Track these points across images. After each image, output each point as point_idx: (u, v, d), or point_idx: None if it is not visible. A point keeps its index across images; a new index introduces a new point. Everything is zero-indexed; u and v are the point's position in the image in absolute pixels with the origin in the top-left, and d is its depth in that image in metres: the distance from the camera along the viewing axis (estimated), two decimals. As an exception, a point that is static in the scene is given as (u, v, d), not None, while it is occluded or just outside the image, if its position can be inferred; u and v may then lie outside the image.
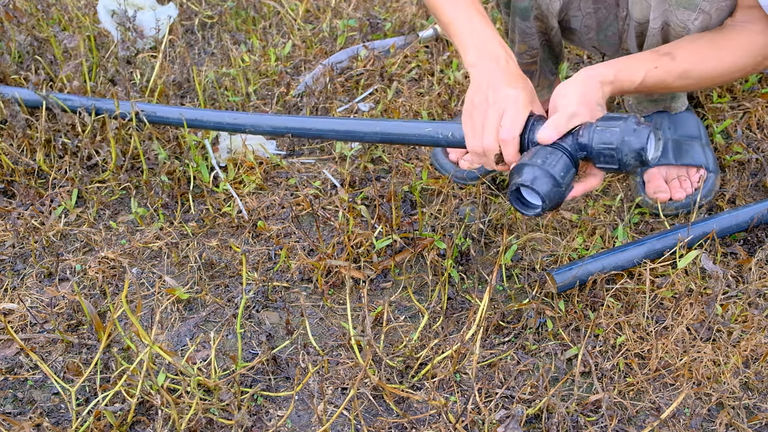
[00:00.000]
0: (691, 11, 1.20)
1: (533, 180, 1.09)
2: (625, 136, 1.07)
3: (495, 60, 1.21)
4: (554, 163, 1.09)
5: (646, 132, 1.07)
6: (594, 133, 1.10)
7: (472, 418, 1.17)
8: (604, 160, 1.10)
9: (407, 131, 1.37)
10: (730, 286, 1.34)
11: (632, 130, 1.08)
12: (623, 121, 1.09)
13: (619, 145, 1.07)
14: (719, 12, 1.19)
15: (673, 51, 1.21)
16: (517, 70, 1.21)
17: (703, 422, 1.17)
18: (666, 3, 1.22)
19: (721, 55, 1.21)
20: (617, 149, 1.08)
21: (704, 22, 1.21)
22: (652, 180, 1.51)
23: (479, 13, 1.26)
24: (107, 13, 2.05)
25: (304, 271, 1.43)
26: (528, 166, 1.10)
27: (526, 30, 1.44)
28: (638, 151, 1.07)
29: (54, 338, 1.31)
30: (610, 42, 1.43)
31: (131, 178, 1.64)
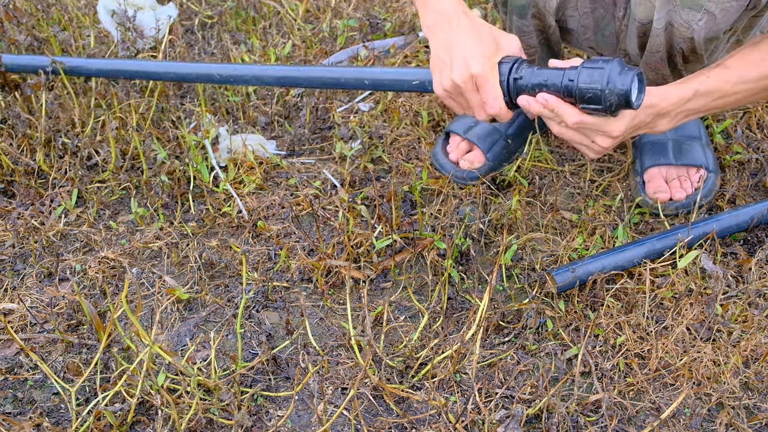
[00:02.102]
0: (695, 12, 1.19)
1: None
2: (611, 76, 1.09)
3: (447, 20, 1.20)
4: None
5: (631, 74, 1.09)
6: (580, 74, 1.11)
7: (472, 418, 1.17)
8: (588, 99, 1.11)
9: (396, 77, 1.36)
10: (730, 286, 1.34)
11: (617, 72, 1.09)
12: (608, 63, 1.10)
13: (603, 86, 1.09)
14: (724, 13, 1.19)
15: (724, 62, 1.21)
16: (469, 27, 1.19)
17: (703, 422, 1.17)
18: (671, 3, 1.22)
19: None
20: (602, 90, 1.09)
21: (709, 23, 1.20)
22: (652, 180, 1.51)
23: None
24: (107, 13, 2.04)
25: (304, 271, 1.43)
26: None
27: (524, 28, 1.44)
28: (623, 93, 1.09)
29: (54, 338, 1.31)
30: (607, 42, 1.43)
31: (131, 178, 1.64)
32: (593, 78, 1.09)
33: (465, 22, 1.19)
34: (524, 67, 1.18)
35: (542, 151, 1.63)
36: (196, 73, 1.60)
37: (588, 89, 1.10)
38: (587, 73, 1.10)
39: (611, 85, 1.09)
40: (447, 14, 1.20)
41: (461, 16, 1.20)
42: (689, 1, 1.19)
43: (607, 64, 1.10)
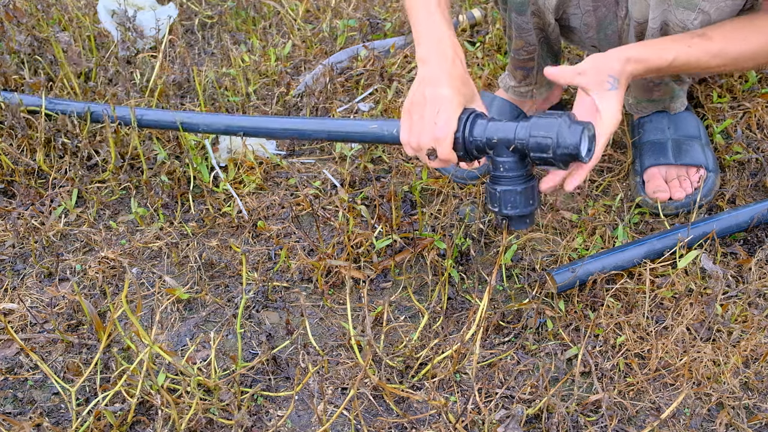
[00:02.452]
0: (690, 11, 1.20)
1: (523, 224, 1.19)
2: (560, 131, 1.09)
3: (443, 58, 1.21)
4: (527, 202, 1.17)
5: (579, 129, 1.09)
6: (530, 128, 1.12)
7: (472, 418, 1.17)
8: (537, 154, 1.12)
9: (353, 129, 1.38)
10: (730, 286, 1.34)
11: (567, 126, 1.10)
12: (557, 118, 1.11)
13: (553, 144, 1.10)
14: (719, 12, 1.19)
15: (707, 32, 1.19)
16: (461, 72, 1.21)
17: (703, 422, 1.17)
18: (665, 2, 1.22)
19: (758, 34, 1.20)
20: (551, 148, 1.10)
21: (704, 22, 1.20)
22: (652, 180, 1.51)
23: (441, 12, 1.26)
24: (107, 13, 2.05)
25: (304, 271, 1.43)
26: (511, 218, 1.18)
27: (523, 25, 1.44)
28: (572, 149, 1.09)
29: (54, 338, 1.31)
30: (610, 41, 1.43)
31: (131, 178, 1.64)
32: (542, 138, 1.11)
33: (459, 67, 1.22)
34: (481, 117, 1.19)
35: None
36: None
37: (537, 148, 1.12)
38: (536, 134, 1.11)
39: (561, 141, 1.10)
40: (445, 54, 1.22)
41: (456, 60, 1.22)
42: (684, 0, 1.19)
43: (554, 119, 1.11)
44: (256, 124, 1.50)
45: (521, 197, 1.17)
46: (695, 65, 1.20)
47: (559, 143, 1.09)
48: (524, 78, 1.60)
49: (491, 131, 1.16)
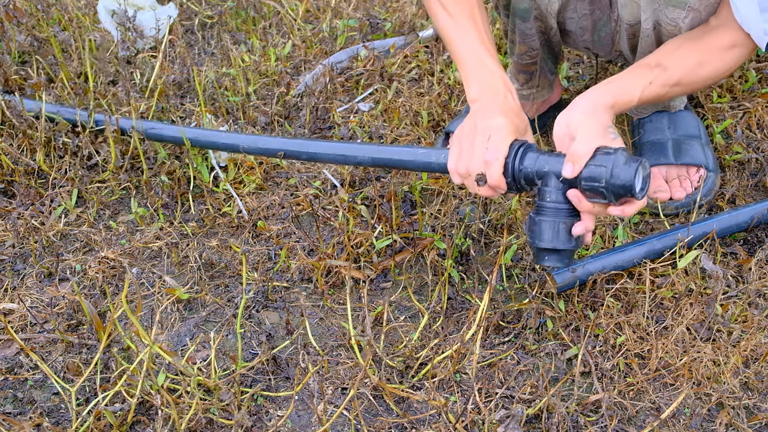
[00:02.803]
0: (680, 9, 1.20)
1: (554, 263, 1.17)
2: (614, 170, 1.08)
3: (495, 95, 1.22)
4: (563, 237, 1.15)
5: (635, 166, 1.08)
6: (584, 169, 1.11)
7: (472, 418, 1.17)
8: (593, 194, 1.12)
9: (400, 156, 1.36)
10: (730, 286, 1.34)
11: (621, 163, 1.08)
12: (613, 156, 1.09)
13: (608, 180, 1.08)
14: (708, 8, 1.20)
15: (663, 62, 1.20)
16: (514, 106, 1.22)
17: (703, 422, 1.17)
18: (655, 2, 1.22)
19: (708, 59, 1.21)
20: (607, 184, 1.09)
21: (694, 19, 1.21)
22: (653, 180, 1.51)
23: (485, 47, 1.27)
24: (107, 13, 2.05)
25: (304, 271, 1.43)
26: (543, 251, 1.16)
27: (526, 31, 1.44)
28: (626, 185, 1.08)
29: (54, 338, 1.31)
30: (604, 43, 1.44)
31: (131, 178, 1.64)
32: (596, 167, 1.09)
33: (511, 101, 1.23)
34: (533, 149, 1.18)
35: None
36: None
37: (590, 177, 1.10)
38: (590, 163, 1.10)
39: (614, 179, 1.08)
40: (497, 90, 1.23)
41: (508, 95, 1.23)
42: None
43: (609, 157, 1.09)
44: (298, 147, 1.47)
45: (563, 231, 1.15)
46: (659, 97, 1.22)
47: (613, 174, 1.08)
48: (527, 81, 1.60)
49: (542, 162, 1.15)
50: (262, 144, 1.50)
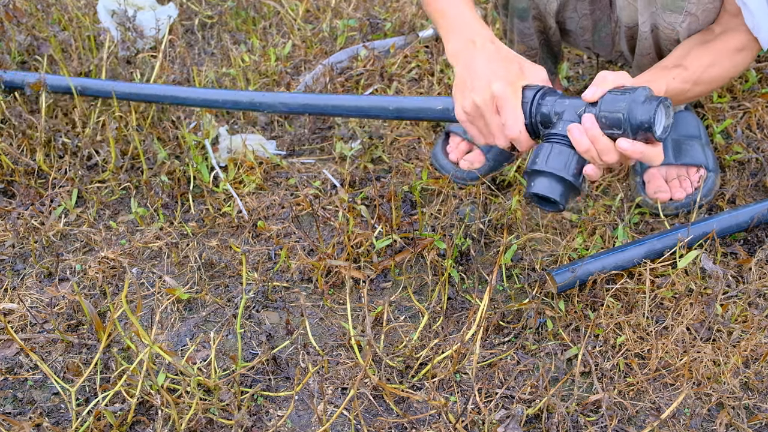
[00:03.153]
0: (677, 14, 1.20)
1: (545, 189, 1.10)
2: (634, 100, 1.06)
3: (471, 45, 1.19)
4: (562, 162, 1.09)
5: (657, 101, 1.05)
6: (602, 103, 1.08)
7: (472, 418, 1.17)
8: (610, 125, 1.08)
9: (421, 105, 1.35)
10: (730, 286, 1.34)
11: (644, 96, 1.06)
12: (636, 90, 1.07)
13: (629, 106, 1.06)
14: (706, 13, 1.20)
15: (681, 62, 1.22)
16: (494, 52, 1.18)
17: (703, 422, 1.17)
18: (652, 6, 1.22)
19: (720, 60, 1.23)
20: (625, 120, 1.06)
21: (691, 24, 1.21)
22: (652, 180, 1.51)
23: (467, 5, 1.25)
24: (107, 13, 2.05)
25: (304, 271, 1.43)
26: (538, 174, 1.11)
27: (525, 30, 1.44)
28: (646, 117, 1.05)
29: (54, 338, 1.31)
30: (604, 43, 1.44)
31: (131, 178, 1.64)
32: (615, 106, 1.07)
33: (491, 48, 1.18)
34: (549, 94, 1.15)
35: (542, 151, 1.63)
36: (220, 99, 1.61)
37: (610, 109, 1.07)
38: (610, 100, 1.07)
39: (635, 108, 1.06)
40: (473, 40, 1.19)
41: (487, 42, 1.19)
42: (670, 3, 1.20)
43: (632, 89, 1.07)
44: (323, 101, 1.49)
45: (570, 158, 1.09)
46: (681, 93, 1.22)
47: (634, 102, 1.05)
48: None
49: (560, 105, 1.12)
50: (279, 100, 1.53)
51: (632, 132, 1.07)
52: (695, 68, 1.22)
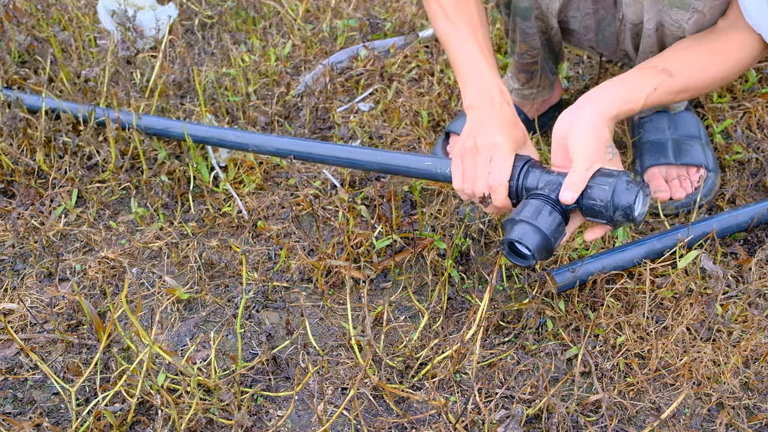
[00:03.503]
0: (684, 11, 1.20)
1: (522, 236, 1.11)
2: (615, 194, 1.09)
3: (491, 103, 1.23)
4: (543, 218, 1.12)
5: (635, 190, 1.09)
6: (585, 189, 1.11)
7: (472, 418, 1.17)
8: (592, 214, 1.12)
9: (406, 164, 1.38)
10: (730, 286, 1.34)
11: (623, 188, 1.09)
12: (614, 179, 1.09)
13: (608, 202, 1.09)
14: (713, 10, 1.19)
15: (669, 66, 1.19)
16: (510, 116, 1.23)
17: (703, 422, 1.17)
18: (659, 3, 1.22)
19: (715, 63, 1.20)
20: (606, 206, 1.09)
21: (698, 21, 1.21)
22: (653, 180, 1.51)
23: (483, 53, 1.28)
24: (107, 13, 2.05)
25: (304, 271, 1.43)
26: (518, 222, 1.13)
27: (527, 30, 1.44)
28: (626, 209, 1.09)
29: (54, 338, 1.31)
30: (608, 42, 1.44)
31: (131, 178, 1.64)
32: (598, 194, 1.10)
33: (506, 111, 1.23)
34: (538, 167, 1.19)
35: (542, 151, 1.63)
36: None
37: (590, 197, 1.11)
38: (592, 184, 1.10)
39: (615, 202, 1.09)
40: (492, 98, 1.23)
41: (504, 104, 1.24)
42: (677, 0, 1.19)
43: (611, 179, 1.09)
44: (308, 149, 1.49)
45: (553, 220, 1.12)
46: (663, 103, 1.21)
47: (613, 198, 1.09)
48: (528, 81, 1.60)
49: (545, 181, 1.15)
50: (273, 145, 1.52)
51: (612, 220, 1.11)
52: (683, 75, 1.19)
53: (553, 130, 1.16)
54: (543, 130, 1.69)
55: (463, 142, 1.23)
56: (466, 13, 1.29)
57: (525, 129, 1.25)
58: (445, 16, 1.30)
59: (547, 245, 1.12)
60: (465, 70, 1.28)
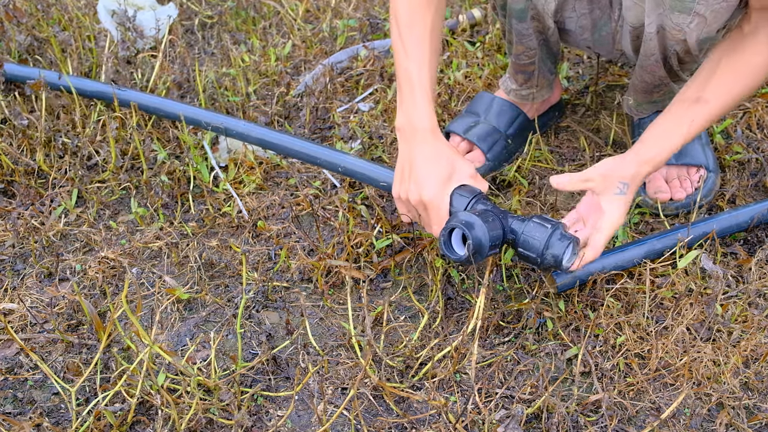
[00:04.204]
0: (686, 15, 1.19)
1: (468, 225, 1.18)
2: (549, 241, 1.18)
3: (413, 133, 1.28)
4: (492, 224, 1.20)
5: (567, 243, 1.18)
6: (525, 226, 1.21)
7: (472, 418, 1.17)
8: (524, 251, 1.21)
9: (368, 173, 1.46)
10: (730, 286, 1.34)
11: (557, 238, 1.18)
12: (551, 228, 1.19)
13: (541, 246, 1.19)
14: (715, 14, 1.18)
15: (703, 95, 1.21)
16: (431, 153, 1.27)
17: (703, 422, 1.17)
18: (660, 7, 1.22)
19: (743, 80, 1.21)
20: (538, 249, 1.19)
21: (700, 25, 1.20)
22: (653, 180, 1.51)
23: (421, 75, 1.30)
24: (107, 13, 2.05)
25: (304, 271, 1.43)
26: (469, 215, 1.20)
27: (523, 31, 1.44)
28: (555, 257, 1.18)
29: (54, 338, 1.31)
30: (604, 42, 1.43)
31: (131, 178, 1.64)
32: (532, 239, 1.20)
33: (430, 142, 1.28)
34: (480, 203, 1.25)
35: (542, 151, 1.63)
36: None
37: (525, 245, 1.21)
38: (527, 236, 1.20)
39: (546, 252, 1.19)
40: (415, 128, 1.28)
41: (428, 134, 1.28)
42: (678, 4, 1.19)
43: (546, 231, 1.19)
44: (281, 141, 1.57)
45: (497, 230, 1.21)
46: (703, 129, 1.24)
47: (546, 248, 1.18)
48: (525, 81, 1.60)
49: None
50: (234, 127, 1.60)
51: (542, 264, 1.20)
52: (716, 99, 1.20)
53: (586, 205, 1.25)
54: (543, 130, 1.69)
55: (398, 190, 1.30)
56: (419, 28, 1.31)
57: (450, 153, 1.29)
58: (397, 27, 1.33)
59: (483, 248, 1.19)
60: (401, 91, 1.32)
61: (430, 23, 1.31)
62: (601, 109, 1.77)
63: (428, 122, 1.29)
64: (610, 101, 1.78)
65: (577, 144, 1.69)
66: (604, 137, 1.69)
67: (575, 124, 1.73)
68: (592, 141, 1.68)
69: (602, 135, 1.70)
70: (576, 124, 1.73)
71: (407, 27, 1.31)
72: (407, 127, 1.30)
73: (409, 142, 1.29)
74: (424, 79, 1.30)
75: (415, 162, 1.27)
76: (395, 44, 1.33)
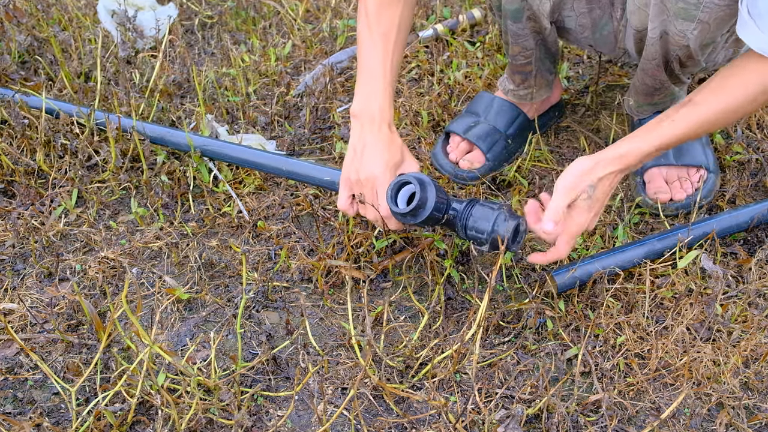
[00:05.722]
0: (689, 22, 1.20)
1: (421, 181, 1.23)
2: (496, 221, 1.22)
3: (371, 120, 1.30)
4: (440, 192, 1.25)
5: (514, 222, 1.21)
6: (473, 208, 1.24)
7: (472, 418, 1.17)
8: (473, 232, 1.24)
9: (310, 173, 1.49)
10: (730, 286, 1.34)
11: (503, 219, 1.22)
12: (498, 209, 1.23)
13: (489, 226, 1.22)
14: (718, 21, 1.19)
15: (693, 98, 1.20)
16: (387, 139, 1.30)
17: (703, 422, 1.17)
18: (664, 13, 1.22)
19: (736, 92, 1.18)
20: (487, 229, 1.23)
21: (703, 31, 1.20)
22: (653, 180, 1.51)
23: (384, 68, 1.32)
24: (107, 13, 2.05)
25: (304, 271, 1.43)
26: (422, 174, 1.25)
27: (519, 32, 1.44)
28: (502, 236, 1.21)
29: (54, 338, 1.31)
30: (606, 41, 1.44)
31: (131, 178, 1.64)
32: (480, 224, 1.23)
33: (385, 132, 1.31)
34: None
35: (542, 151, 1.63)
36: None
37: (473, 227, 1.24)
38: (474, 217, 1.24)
39: (495, 232, 1.22)
40: (373, 117, 1.31)
41: (384, 126, 1.31)
42: (682, 11, 1.19)
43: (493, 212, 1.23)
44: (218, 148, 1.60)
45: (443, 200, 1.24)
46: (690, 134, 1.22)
47: (493, 228, 1.22)
48: (522, 82, 1.60)
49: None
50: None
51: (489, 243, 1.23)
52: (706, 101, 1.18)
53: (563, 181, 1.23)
54: (543, 130, 1.69)
55: (348, 171, 1.31)
56: (386, 21, 1.33)
57: (402, 146, 1.32)
58: (366, 18, 1.34)
59: (427, 207, 1.23)
60: (361, 79, 1.34)
61: (398, 17, 1.33)
62: (601, 109, 1.77)
63: (387, 115, 1.32)
64: (610, 101, 1.78)
65: (577, 144, 1.69)
66: (604, 137, 1.69)
67: (575, 124, 1.73)
68: (592, 141, 1.68)
69: (602, 135, 1.70)
70: (576, 124, 1.73)
71: (375, 18, 1.33)
72: (365, 115, 1.32)
73: (364, 127, 1.31)
74: (387, 73, 1.32)
75: (367, 144, 1.30)
76: (362, 34, 1.34)
